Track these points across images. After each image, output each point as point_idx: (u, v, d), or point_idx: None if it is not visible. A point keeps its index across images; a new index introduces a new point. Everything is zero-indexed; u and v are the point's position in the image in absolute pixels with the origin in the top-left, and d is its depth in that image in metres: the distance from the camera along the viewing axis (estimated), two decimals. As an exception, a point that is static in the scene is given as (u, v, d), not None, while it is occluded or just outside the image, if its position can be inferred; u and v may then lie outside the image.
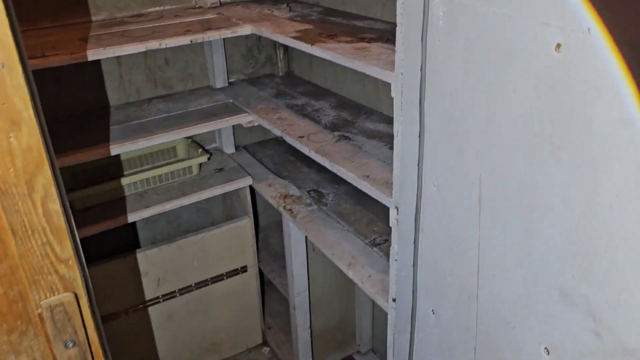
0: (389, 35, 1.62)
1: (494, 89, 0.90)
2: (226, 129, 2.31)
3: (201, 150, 2.14)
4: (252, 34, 2.30)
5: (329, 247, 1.72)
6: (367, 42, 1.56)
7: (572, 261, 0.83)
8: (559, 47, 0.77)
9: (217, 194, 2.08)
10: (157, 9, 2.16)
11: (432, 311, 1.22)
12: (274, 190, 2.05)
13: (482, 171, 0.97)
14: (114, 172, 2.07)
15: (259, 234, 2.55)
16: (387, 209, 1.35)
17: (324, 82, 2.26)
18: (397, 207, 1.30)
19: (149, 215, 1.95)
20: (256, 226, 2.33)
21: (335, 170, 1.60)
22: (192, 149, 2.18)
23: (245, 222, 2.20)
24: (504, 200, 0.94)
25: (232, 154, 2.35)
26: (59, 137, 1.86)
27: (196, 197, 2.03)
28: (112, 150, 1.79)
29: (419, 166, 1.16)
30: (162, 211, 1.96)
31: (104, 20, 2.03)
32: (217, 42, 2.21)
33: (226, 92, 2.25)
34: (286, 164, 2.26)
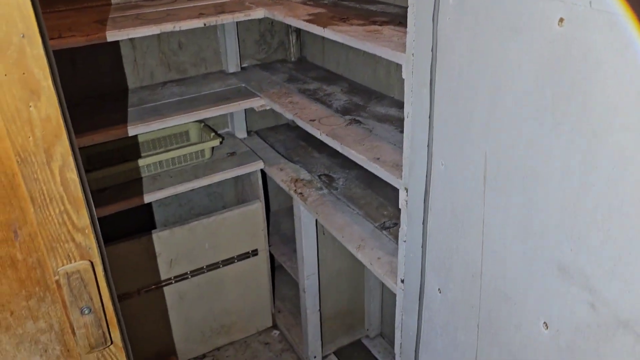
0: (401, 18, 1.62)
1: (500, 65, 0.91)
2: (238, 114, 2.33)
3: (213, 134, 2.17)
4: (265, 19, 2.31)
5: (339, 229, 1.74)
6: (379, 25, 1.56)
7: (570, 234, 0.85)
8: (561, 21, 0.77)
9: (229, 177, 2.10)
10: (171, -7, 2.18)
11: (439, 290, 1.24)
12: (285, 174, 2.07)
13: (487, 148, 0.98)
14: (128, 155, 2.10)
15: (270, 218, 2.57)
16: (397, 194, 1.36)
17: (336, 68, 2.27)
18: (406, 189, 1.31)
19: (162, 197, 1.98)
20: (267, 211, 2.36)
21: (345, 152, 1.61)
22: (204, 133, 2.20)
23: (256, 206, 2.23)
24: (507, 176, 0.95)
25: (244, 138, 2.37)
26: (74, 118, 1.86)
27: (208, 180, 2.05)
28: (127, 131, 1.82)
29: (428, 147, 1.17)
30: (174, 193, 1.99)
31: (119, 3, 2.05)
32: (230, 27, 2.23)
33: (239, 77, 2.27)
34: (297, 149, 2.27)
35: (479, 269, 1.08)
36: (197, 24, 1.80)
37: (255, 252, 2.30)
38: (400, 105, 1.88)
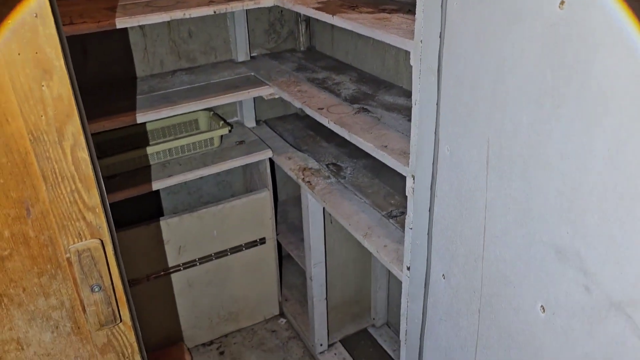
0: (410, 6, 1.62)
1: (504, 50, 0.92)
2: (247, 103, 2.34)
3: (222, 122, 2.18)
4: (274, 8, 2.32)
5: (346, 217, 1.75)
6: (388, 12, 1.56)
7: (567, 217, 0.86)
8: (562, 3, 0.78)
9: (238, 165, 2.12)
10: (181, -19, 2.19)
11: (443, 276, 1.25)
12: (293, 163, 2.08)
13: (490, 132, 0.99)
14: (138, 143, 2.12)
15: (278, 207, 2.59)
16: (404, 183, 1.37)
17: (345, 57, 2.27)
18: (413, 176, 1.32)
19: (171, 184, 2.00)
20: (275, 200, 2.37)
21: (353, 140, 1.61)
22: (213, 122, 2.22)
23: (264, 194, 2.24)
24: (508, 160, 0.96)
25: (253, 127, 2.38)
26: (84, 105, 1.90)
27: (217, 168, 2.07)
28: (137, 118, 1.83)
29: (435, 133, 1.17)
30: (183, 180, 2.01)
31: (129, -9, 2.07)
32: (239, 16, 2.23)
33: (248, 66, 2.28)
34: (306, 138, 2.28)
35: (481, 253, 1.09)
36: (207, 11, 1.81)
37: (263, 241, 2.32)
38: (408, 94, 1.88)
